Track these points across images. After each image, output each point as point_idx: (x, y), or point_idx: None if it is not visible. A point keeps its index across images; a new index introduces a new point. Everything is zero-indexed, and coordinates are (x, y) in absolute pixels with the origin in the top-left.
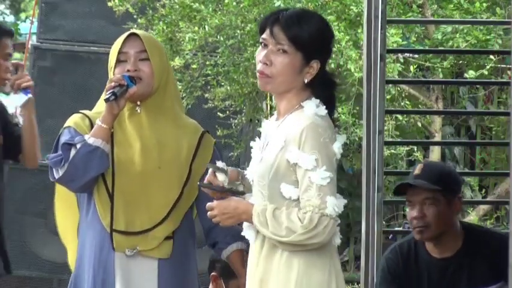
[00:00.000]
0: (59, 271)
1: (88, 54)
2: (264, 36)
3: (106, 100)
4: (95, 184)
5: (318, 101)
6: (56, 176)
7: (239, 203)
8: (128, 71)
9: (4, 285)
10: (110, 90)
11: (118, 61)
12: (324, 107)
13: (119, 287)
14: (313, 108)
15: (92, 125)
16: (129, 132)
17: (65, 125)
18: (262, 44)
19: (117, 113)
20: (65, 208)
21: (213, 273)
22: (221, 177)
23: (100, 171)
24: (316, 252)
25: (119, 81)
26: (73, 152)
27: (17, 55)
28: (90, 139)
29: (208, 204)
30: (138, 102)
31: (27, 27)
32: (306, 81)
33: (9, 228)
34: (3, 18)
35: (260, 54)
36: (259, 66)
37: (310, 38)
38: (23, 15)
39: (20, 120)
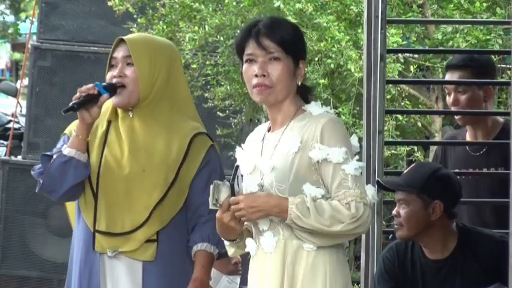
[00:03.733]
0: (59, 271)
1: (88, 54)
2: (249, 51)
3: (64, 112)
4: (81, 192)
5: (318, 102)
6: (39, 187)
7: (270, 196)
8: (114, 76)
9: (4, 285)
10: (72, 102)
11: (110, 66)
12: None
13: None
14: (319, 107)
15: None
16: (121, 135)
17: (64, 131)
18: (248, 60)
19: (90, 122)
20: (70, 207)
21: None
22: (225, 193)
23: (77, 180)
24: (337, 250)
25: (87, 91)
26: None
27: (17, 55)
28: (65, 150)
29: (233, 198)
30: (130, 108)
31: (27, 27)
32: (299, 83)
33: (9, 228)
34: (3, 18)
35: (249, 70)
36: (255, 80)
37: (294, 39)
38: (23, 15)
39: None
